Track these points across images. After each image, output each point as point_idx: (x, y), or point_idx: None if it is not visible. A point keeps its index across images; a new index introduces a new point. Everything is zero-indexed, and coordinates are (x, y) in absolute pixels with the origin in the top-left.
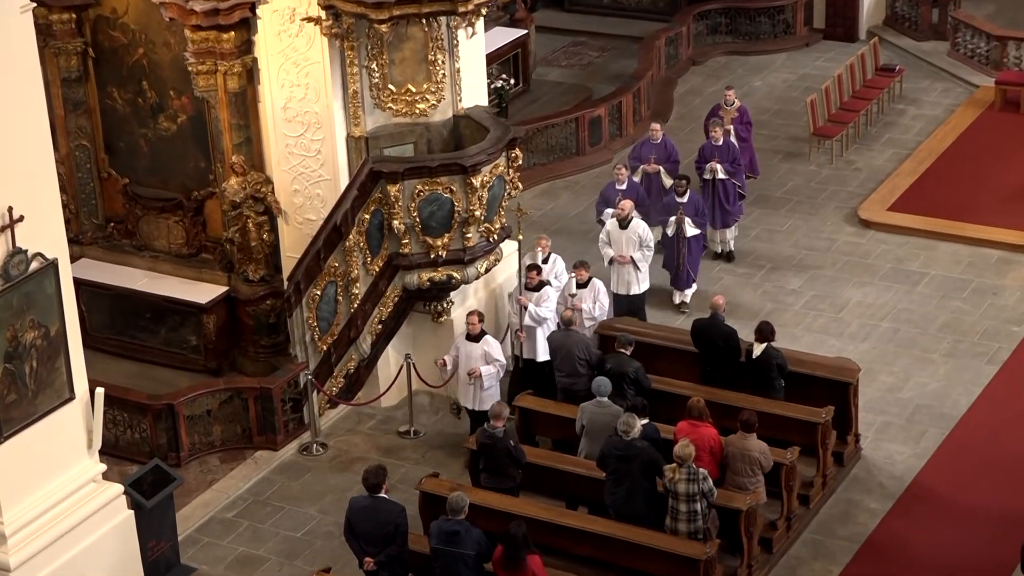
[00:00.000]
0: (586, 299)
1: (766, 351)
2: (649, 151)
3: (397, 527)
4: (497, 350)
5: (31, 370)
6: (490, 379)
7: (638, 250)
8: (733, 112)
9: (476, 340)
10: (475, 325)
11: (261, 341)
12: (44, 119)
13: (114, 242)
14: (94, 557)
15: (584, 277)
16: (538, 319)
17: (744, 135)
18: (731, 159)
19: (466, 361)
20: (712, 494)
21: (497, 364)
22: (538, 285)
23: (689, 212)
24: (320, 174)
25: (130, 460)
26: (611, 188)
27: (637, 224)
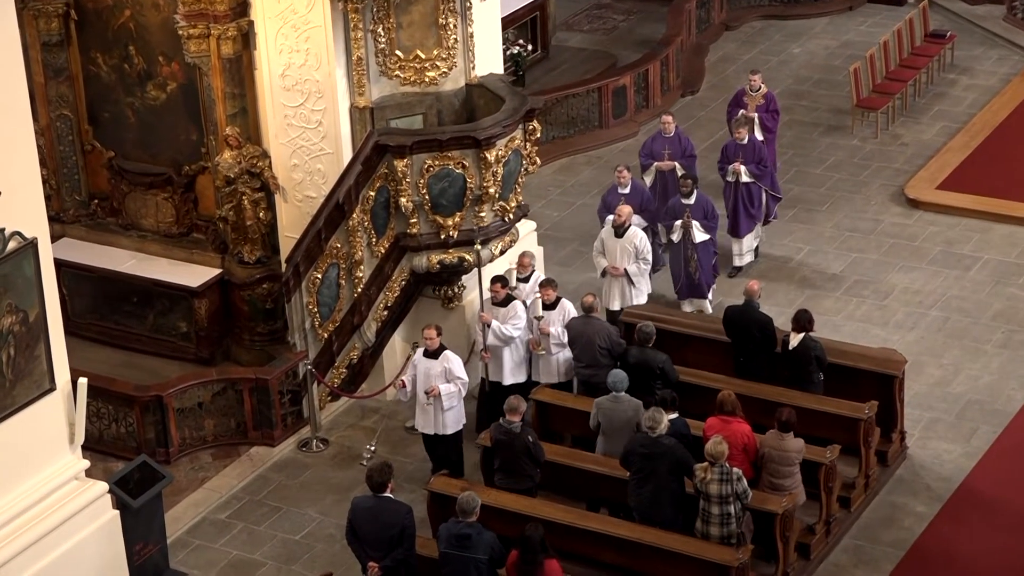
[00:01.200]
0: (555, 322)
1: (804, 342)
2: (662, 146)
3: (403, 529)
4: (458, 367)
5: (8, 358)
6: (450, 399)
7: (633, 262)
8: (759, 99)
9: (434, 356)
10: (433, 340)
11: (257, 328)
12: (23, 87)
13: (98, 220)
14: (76, 561)
15: (551, 297)
16: (504, 337)
17: (770, 125)
18: (757, 160)
19: (424, 379)
20: (746, 496)
21: (458, 382)
22: (505, 300)
23: (697, 215)
24: (321, 147)
25: (115, 456)
26: (613, 192)
27: (634, 233)
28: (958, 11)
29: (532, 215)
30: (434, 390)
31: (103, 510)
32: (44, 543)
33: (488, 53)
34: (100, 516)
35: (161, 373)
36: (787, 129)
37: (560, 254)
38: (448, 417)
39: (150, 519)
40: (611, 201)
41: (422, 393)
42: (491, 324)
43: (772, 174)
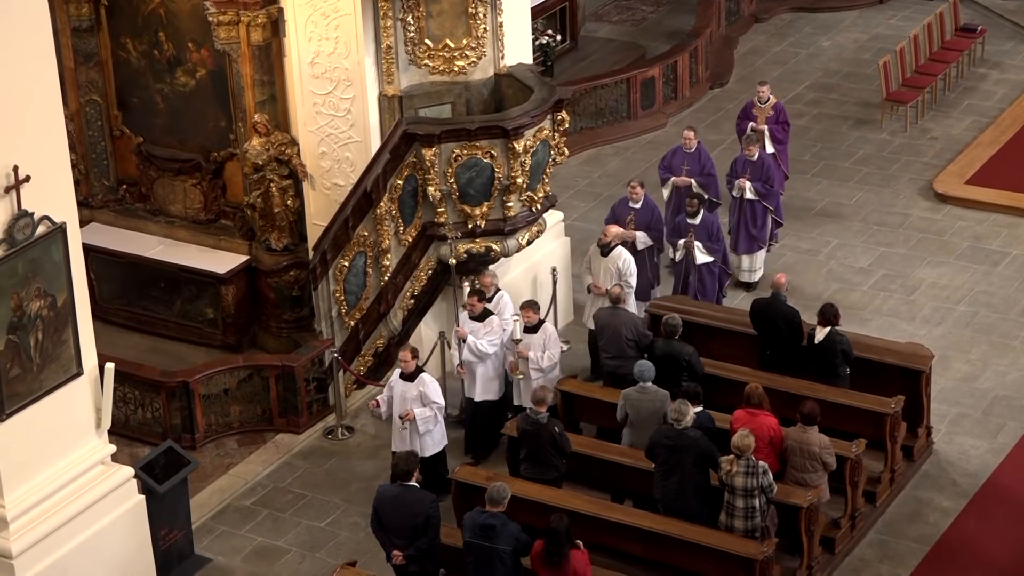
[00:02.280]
0: (535, 346)
1: (830, 335)
2: (681, 161)
3: (428, 519)
4: (434, 391)
5: (36, 342)
6: (426, 423)
7: (615, 284)
8: (768, 110)
9: (410, 379)
10: (408, 362)
11: (283, 315)
12: (53, 72)
13: (127, 206)
14: (102, 545)
15: (533, 320)
16: (479, 353)
17: (780, 137)
18: (764, 178)
19: (400, 402)
20: (772, 489)
21: (434, 406)
22: (482, 314)
23: (701, 236)
24: (350, 135)
25: (141, 441)
26: (623, 205)
27: (618, 254)
28: (989, 5)
29: (559, 205)
30: (408, 414)
31: (129, 495)
32: (70, 527)
33: (517, 43)
34: (126, 501)
35: (188, 359)
36: (816, 122)
37: (587, 245)
38: (426, 440)
39: (175, 505)
40: (620, 212)
41: (397, 417)
42: (466, 339)
43: (778, 196)
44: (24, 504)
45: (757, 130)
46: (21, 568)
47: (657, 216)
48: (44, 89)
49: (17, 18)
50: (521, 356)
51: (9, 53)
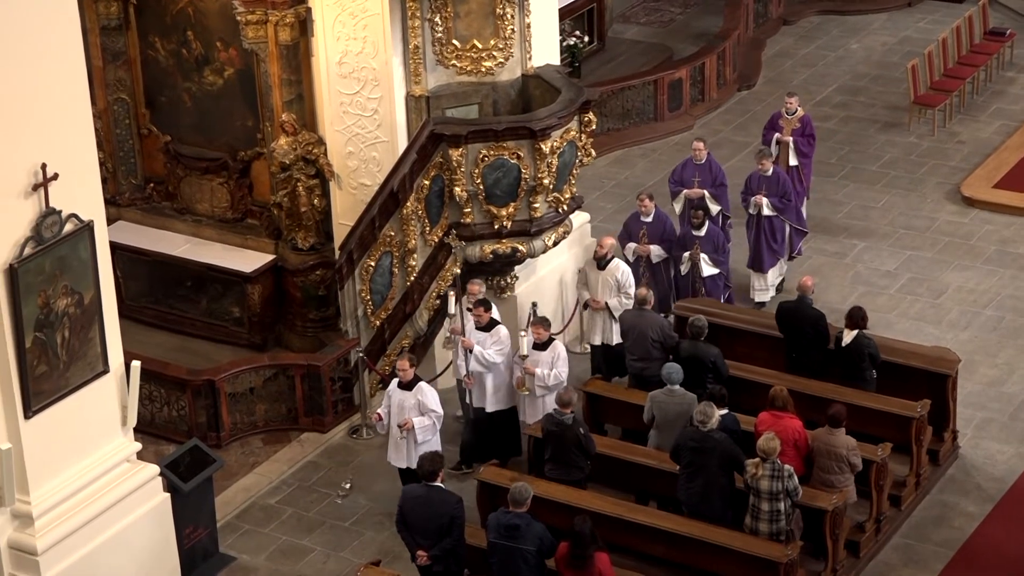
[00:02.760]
0: (543, 363)
1: (857, 339)
2: (692, 173)
3: (453, 519)
4: (432, 399)
5: (63, 340)
6: (424, 432)
7: (615, 296)
8: (795, 122)
9: (408, 388)
10: (406, 371)
11: (309, 315)
12: (81, 70)
13: (153, 204)
14: (127, 543)
15: (544, 337)
16: (486, 363)
17: (805, 150)
18: (780, 193)
19: (398, 412)
20: (797, 493)
21: (432, 415)
22: (489, 324)
23: (707, 248)
24: (377, 135)
25: (167, 439)
26: (635, 220)
27: (615, 266)
28: (1018, 8)
29: (586, 207)
30: (407, 423)
31: (154, 493)
32: (95, 524)
33: (545, 44)
34: (151, 499)
35: (213, 358)
36: (843, 125)
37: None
38: (423, 450)
39: (200, 503)
40: (632, 228)
41: (395, 427)
42: (473, 349)
43: (797, 207)
44: (50, 501)
45: (782, 141)
46: (46, 565)
47: (670, 228)
48: (72, 87)
49: (46, 17)
50: (528, 372)
51: (38, 51)
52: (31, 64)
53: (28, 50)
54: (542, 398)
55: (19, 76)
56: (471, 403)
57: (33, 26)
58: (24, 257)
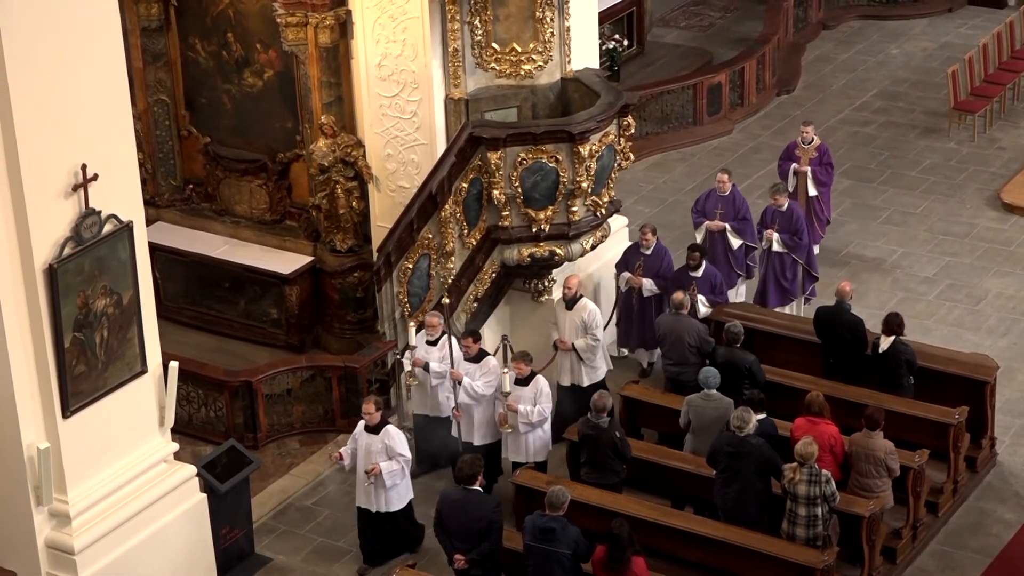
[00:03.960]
0: (525, 399)
1: (895, 344)
2: (715, 205)
3: (491, 523)
4: (400, 443)
5: (102, 340)
6: (393, 476)
7: (582, 337)
8: (811, 152)
9: (375, 431)
10: (372, 415)
11: (347, 316)
12: (122, 71)
13: (192, 205)
14: (163, 543)
15: (525, 372)
16: (475, 395)
17: (824, 179)
18: (793, 230)
19: (365, 456)
20: (834, 498)
21: (400, 459)
22: (478, 355)
23: (704, 289)
24: (415, 138)
25: (204, 440)
26: (634, 251)
27: (583, 306)
28: None
29: (624, 211)
30: (375, 468)
31: (191, 493)
32: (132, 524)
33: (584, 47)
34: (188, 499)
35: (251, 359)
36: (883, 131)
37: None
38: (391, 495)
39: (237, 503)
40: (630, 260)
41: (362, 471)
42: (462, 381)
43: (809, 248)
44: (87, 500)
45: (800, 171)
46: (83, 564)
47: (667, 264)
48: (113, 89)
49: (87, 18)
50: (511, 409)
51: (79, 52)
52: (72, 65)
53: (69, 51)
54: (527, 435)
55: (60, 77)
56: (460, 437)
57: (74, 27)
58: (64, 257)
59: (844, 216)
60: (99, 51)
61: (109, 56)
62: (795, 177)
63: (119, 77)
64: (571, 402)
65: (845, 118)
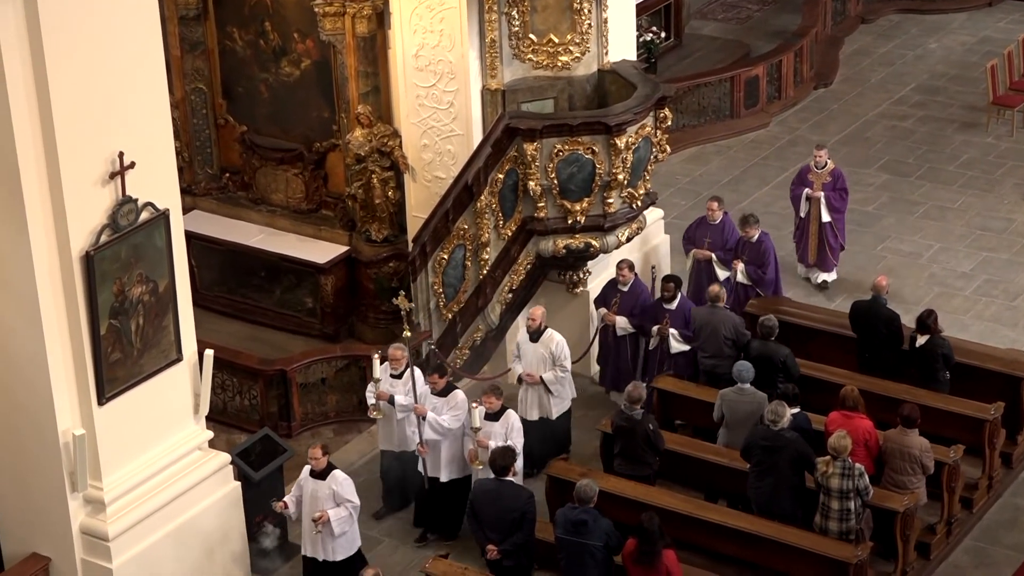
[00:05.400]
0: (496, 435)
1: (932, 340)
2: (704, 233)
3: (524, 514)
4: (347, 489)
5: (137, 327)
6: (341, 524)
7: (550, 369)
8: (825, 176)
9: (321, 477)
10: (319, 460)
11: (382, 306)
12: (160, 59)
13: (229, 194)
14: (197, 530)
15: (496, 407)
16: (441, 430)
17: (838, 205)
18: (759, 262)
19: (311, 503)
20: (868, 492)
21: (348, 505)
22: (446, 389)
23: (677, 323)
24: (452, 128)
25: (238, 428)
26: (611, 287)
27: (550, 337)
28: None
29: (660, 203)
30: (323, 516)
31: (225, 481)
32: (166, 511)
33: (621, 39)
34: (222, 487)
35: (286, 348)
36: (921, 125)
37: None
38: (340, 543)
39: (270, 492)
40: (607, 296)
41: (309, 520)
42: (426, 416)
43: (776, 283)
44: (122, 487)
45: (813, 197)
46: (117, 550)
47: (643, 301)
48: (150, 77)
49: (125, 6)
50: (481, 445)
51: (117, 41)
52: (110, 53)
53: (108, 39)
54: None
55: (98, 65)
56: (426, 473)
57: (113, 15)
58: (100, 244)
59: (881, 210)
60: (137, 39)
61: (147, 44)
62: (808, 203)
63: (157, 65)
64: (541, 436)
65: (883, 112)
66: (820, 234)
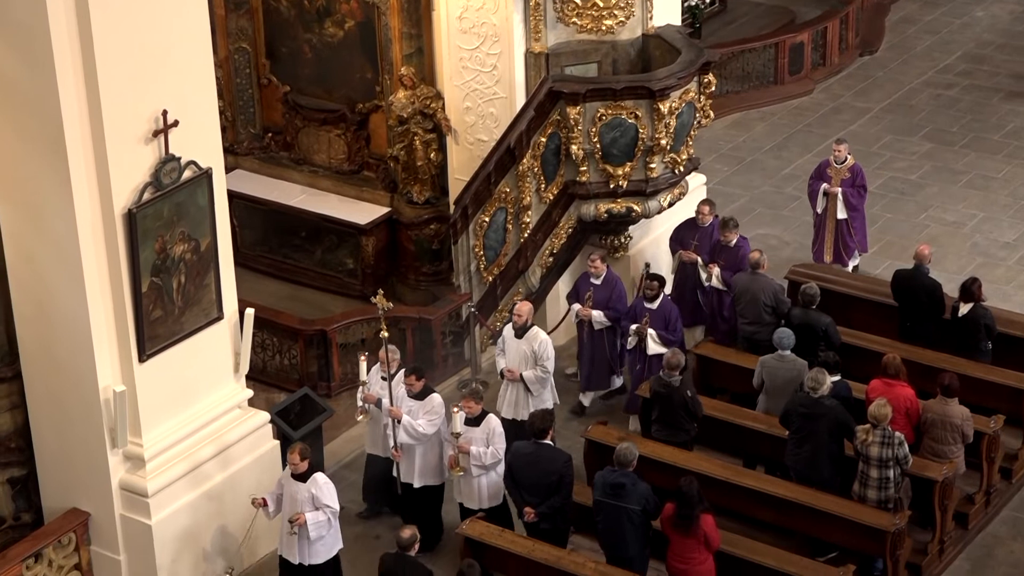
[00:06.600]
0: (477, 440)
1: (974, 309)
2: (692, 235)
3: (562, 477)
4: (327, 494)
5: (179, 285)
6: (318, 528)
7: (531, 368)
8: (844, 172)
9: (302, 479)
10: (298, 464)
11: (422, 268)
12: (204, 18)
13: (271, 154)
14: (235, 488)
15: (476, 411)
16: (417, 435)
17: (855, 203)
18: (736, 268)
19: (290, 504)
20: (907, 461)
21: (327, 510)
22: (422, 392)
23: (657, 323)
24: (495, 91)
25: (278, 388)
26: (584, 281)
27: (534, 335)
28: None
29: (702, 169)
30: (300, 519)
31: (264, 440)
32: (205, 469)
33: (666, 4)
34: (260, 446)
35: (326, 308)
36: (966, 93)
37: (728, 209)
38: (317, 548)
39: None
40: (580, 288)
41: (286, 521)
42: (402, 420)
43: None
44: (161, 444)
45: (830, 192)
46: (156, 507)
47: (617, 294)
48: (195, 36)
49: None
50: (461, 451)
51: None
52: (154, 12)
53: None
54: (479, 479)
55: (143, 23)
56: (399, 477)
57: None
58: (143, 202)
59: (924, 179)
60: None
61: (191, 3)
62: (825, 198)
63: (201, 24)
64: (513, 437)
65: (928, 80)
66: (837, 231)
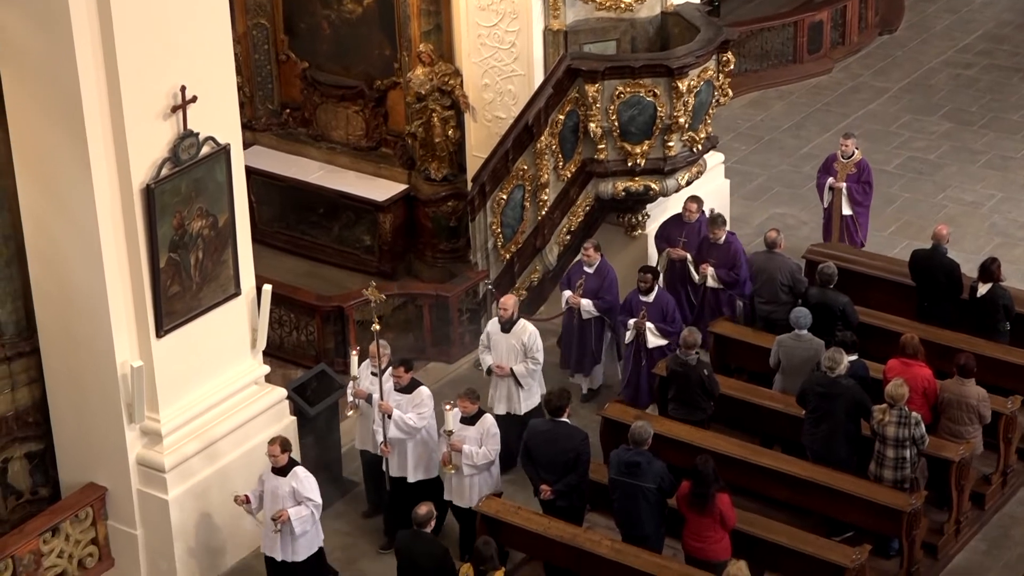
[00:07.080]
0: (470, 440)
1: (993, 290)
2: (679, 232)
3: (579, 455)
4: (309, 487)
5: (196, 261)
6: (302, 523)
7: (521, 361)
8: (850, 167)
9: (282, 473)
10: (278, 457)
11: (439, 245)
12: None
13: (289, 130)
14: (252, 464)
15: (471, 410)
16: (407, 429)
17: (860, 198)
18: (729, 264)
19: (271, 500)
20: (923, 441)
21: (309, 504)
22: (410, 385)
23: (654, 315)
24: (513, 68)
25: (295, 364)
26: (577, 269)
27: (522, 329)
28: None
29: (720, 147)
30: (283, 515)
31: (280, 416)
32: (222, 444)
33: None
34: (277, 421)
35: (344, 284)
36: (985, 73)
37: (745, 188)
38: (300, 543)
39: (326, 428)
40: (572, 277)
41: (269, 518)
42: (392, 414)
43: (745, 283)
44: (178, 420)
45: (835, 187)
46: (173, 482)
47: (608, 284)
48: (213, 11)
49: None
50: (454, 448)
51: None
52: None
53: None
54: (471, 478)
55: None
56: (388, 472)
57: None
58: (161, 178)
59: (943, 159)
60: None
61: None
62: (831, 193)
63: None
64: (508, 432)
65: (947, 60)
66: (841, 227)
